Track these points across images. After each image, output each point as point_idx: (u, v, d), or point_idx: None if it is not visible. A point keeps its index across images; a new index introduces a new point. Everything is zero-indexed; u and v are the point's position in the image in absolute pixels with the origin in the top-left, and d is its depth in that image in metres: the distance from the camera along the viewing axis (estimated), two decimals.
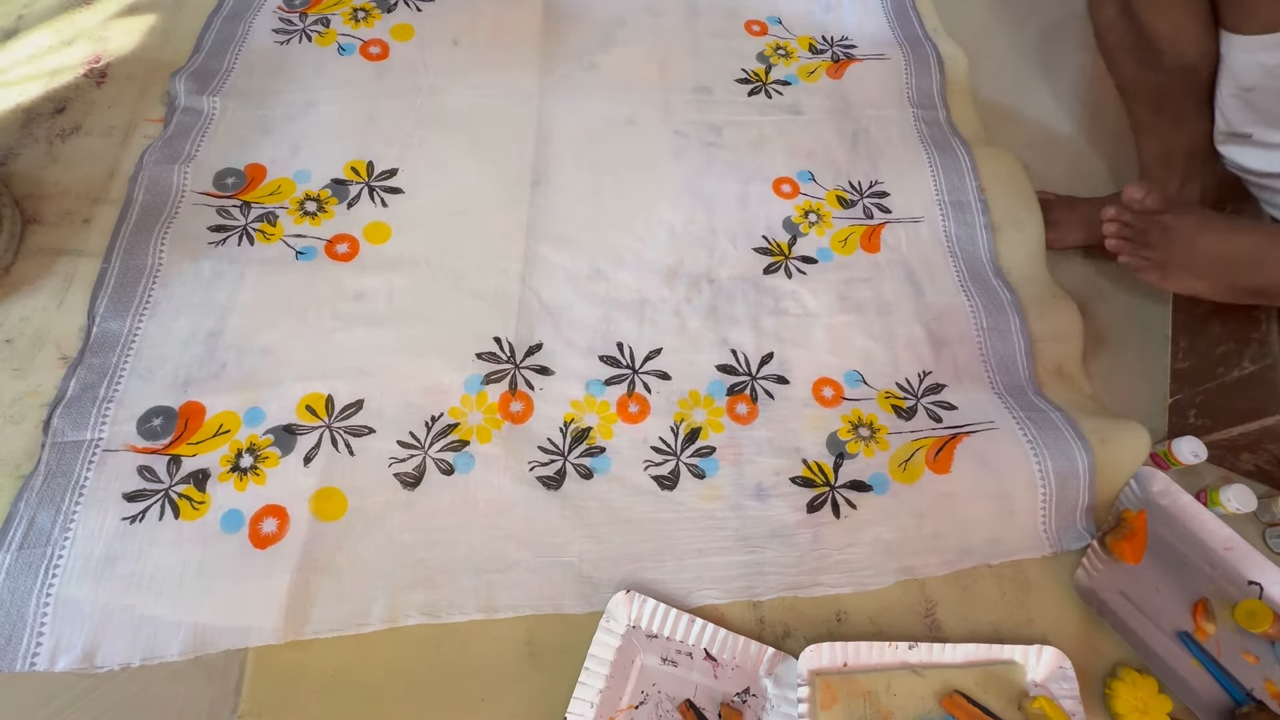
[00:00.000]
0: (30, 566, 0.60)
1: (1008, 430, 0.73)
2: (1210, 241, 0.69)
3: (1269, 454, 0.71)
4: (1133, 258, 0.73)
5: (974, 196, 0.91)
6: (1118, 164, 0.98)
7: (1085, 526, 0.70)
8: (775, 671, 0.62)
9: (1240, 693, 0.62)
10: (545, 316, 0.78)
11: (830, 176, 0.93)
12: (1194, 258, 0.70)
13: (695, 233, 0.86)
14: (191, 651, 0.59)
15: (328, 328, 0.75)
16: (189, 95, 0.89)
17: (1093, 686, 0.63)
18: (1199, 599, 0.66)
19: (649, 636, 0.62)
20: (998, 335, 0.81)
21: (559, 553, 0.66)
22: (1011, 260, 0.88)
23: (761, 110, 0.98)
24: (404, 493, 0.67)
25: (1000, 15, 1.14)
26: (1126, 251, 0.73)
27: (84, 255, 0.77)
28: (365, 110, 0.91)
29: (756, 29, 1.08)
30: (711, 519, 0.69)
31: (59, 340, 0.72)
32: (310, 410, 0.70)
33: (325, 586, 0.62)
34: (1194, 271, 0.70)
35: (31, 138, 0.85)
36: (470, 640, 0.62)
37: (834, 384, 0.77)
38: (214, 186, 0.83)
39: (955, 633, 0.66)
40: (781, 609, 0.66)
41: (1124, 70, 0.77)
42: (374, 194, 0.85)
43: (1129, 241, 0.73)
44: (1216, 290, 0.70)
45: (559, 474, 0.70)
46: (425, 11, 1.02)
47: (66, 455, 0.65)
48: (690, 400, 0.75)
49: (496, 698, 0.60)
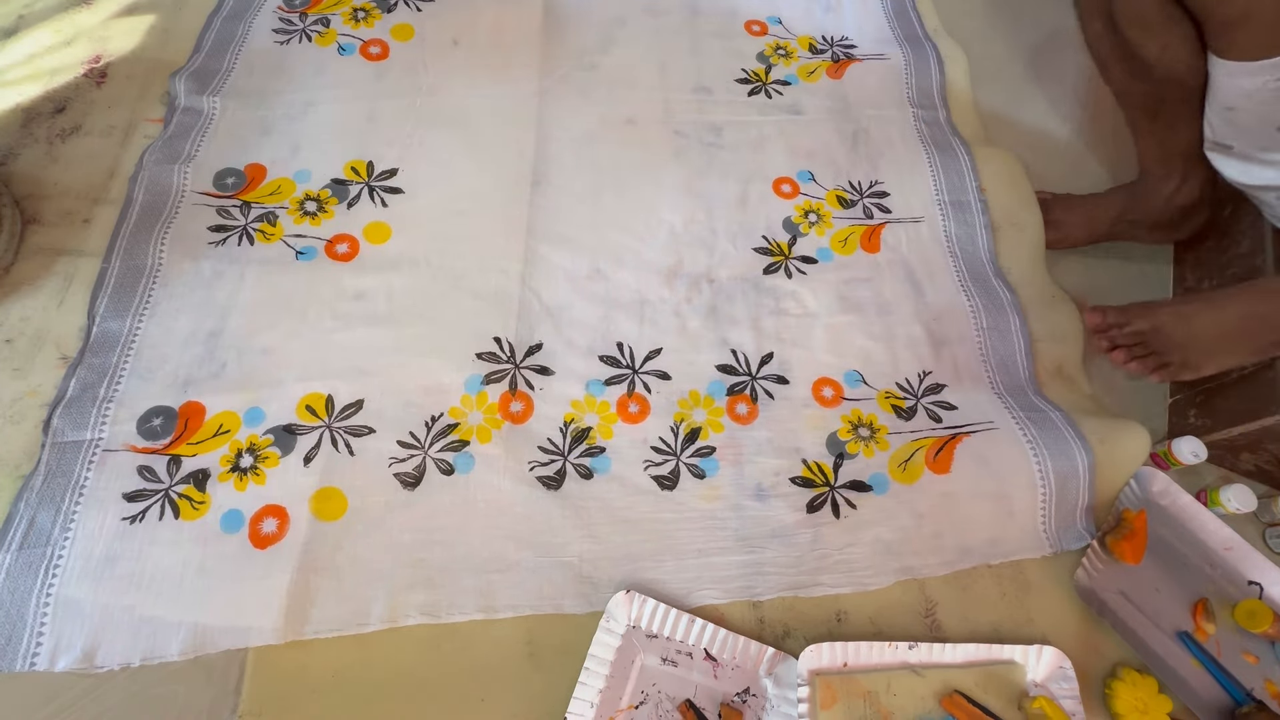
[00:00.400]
0: (30, 566, 0.60)
1: (1008, 430, 0.73)
2: (1204, 326, 0.72)
3: (1269, 454, 0.71)
4: (1155, 370, 0.75)
5: (974, 196, 0.91)
6: (1117, 165, 0.98)
7: (1085, 526, 0.70)
8: (775, 671, 0.62)
9: (1240, 693, 0.62)
10: (545, 316, 0.78)
11: (830, 176, 0.93)
12: (1203, 344, 0.72)
13: (695, 233, 0.86)
14: (191, 651, 0.59)
15: (328, 328, 0.75)
16: (189, 95, 0.89)
17: (1093, 686, 0.63)
18: (1199, 599, 0.66)
19: (649, 636, 0.62)
20: (997, 335, 0.81)
21: (559, 553, 0.66)
22: (1011, 260, 0.88)
23: (761, 110, 0.98)
24: (404, 493, 0.67)
25: (1000, 16, 1.14)
26: (1145, 368, 0.75)
27: (84, 255, 0.77)
28: (365, 110, 0.91)
29: (756, 29, 1.08)
30: (711, 519, 0.69)
31: (59, 340, 0.72)
32: (310, 410, 0.70)
33: (325, 586, 0.62)
34: (1213, 353, 0.72)
35: (31, 138, 0.85)
36: (470, 640, 0.62)
37: (834, 384, 0.77)
38: (214, 186, 0.83)
39: (955, 633, 0.66)
40: (781, 609, 0.66)
41: (1117, 79, 0.78)
42: (374, 194, 0.85)
43: (1138, 358, 0.75)
44: (1246, 356, 0.71)
45: (559, 474, 0.70)
46: (425, 11, 1.02)
47: (66, 455, 0.65)
48: (690, 400, 0.75)
49: (496, 698, 0.60)
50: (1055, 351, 0.82)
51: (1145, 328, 0.75)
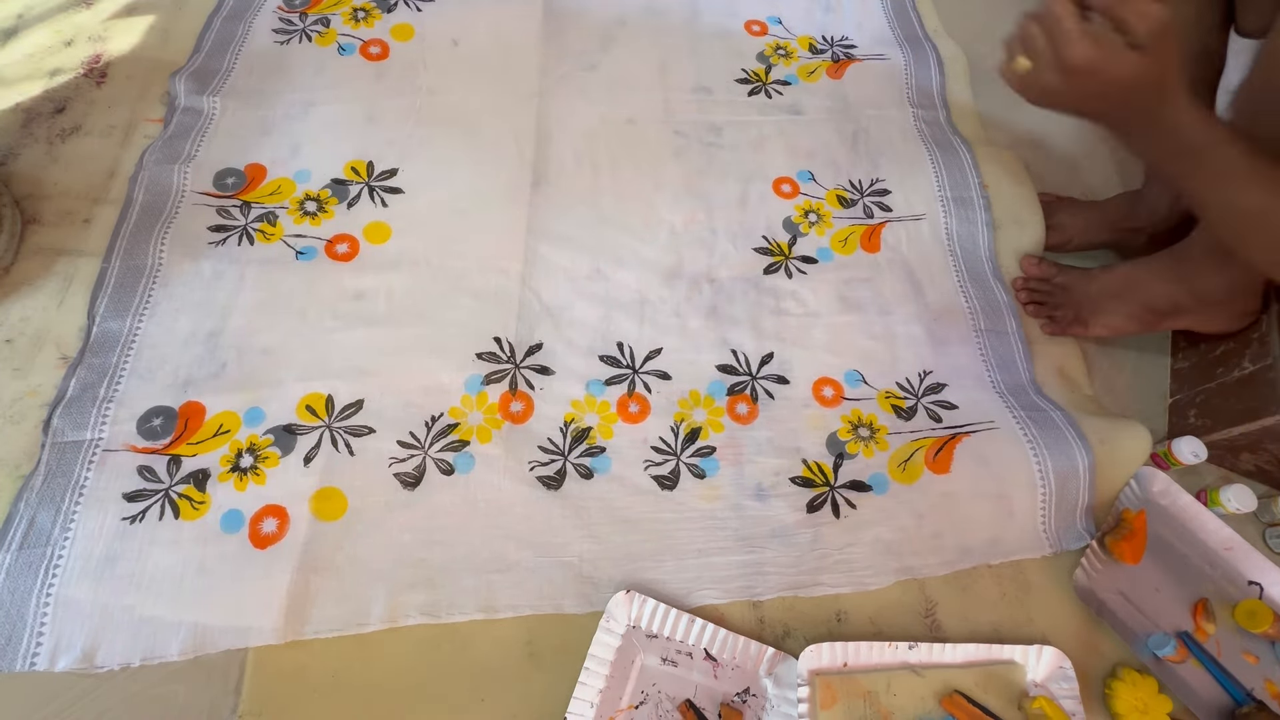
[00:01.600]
0: (30, 566, 0.60)
1: (1008, 430, 0.73)
2: (1100, 286, 0.80)
3: (1269, 454, 0.71)
4: (1047, 321, 0.83)
5: (976, 193, 0.91)
6: (1116, 170, 0.98)
7: (1085, 526, 0.70)
8: (775, 671, 0.62)
9: (1240, 693, 0.62)
10: (545, 316, 0.78)
11: (830, 176, 0.93)
12: (1092, 302, 0.80)
13: (695, 232, 0.86)
14: (191, 651, 0.59)
15: (328, 328, 0.75)
16: (189, 95, 0.89)
17: (1093, 686, 0.63)
18: (1199, 599, 0.66)
19: (649, 636, 0.62)
20: (997, 335, 0.81)
21: (559, 553, 0.66)
22: (1010, 259, 0.88)
23: (761, 110, 0.98)
24: (404, 493, 0.67)
25: (1000, 16, 1.14)
26: (1040, 315, 0.83)
27: (84, 255, 0.77)
28: (365, 110, 0.91)
29: (756, 29, 1.08)
30: (711, 519, 0.69)
31: (59, 340, 0.72)
32: (310, 410, 0.70)
33: (325, 586, 0.62)
34: (1098, 312, 0.79)
35: (31, 138, 0.85)
36: (470, 640, 0.62)
37: (834, 384, 0.77)
38: (214, 186, 0.83)
39: (955, 633, 0.66)
40: (781, 609, 0.66)
41: None
42: (374, 194, 0.85)
43: (1041, 305, 0.83)
44: (1133, 323, 0.78)
45: (559, 474, 0.70)
46: (425, 11, 1.02)
47: (66, 455, 0.65)
48: (690, 400, 0.75)
49: (496, 698, 0.60)
50: (1055, 351, 0.82)
51: (1060, 283, 0.83)
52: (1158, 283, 0.75)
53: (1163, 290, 0.75)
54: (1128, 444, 0.71)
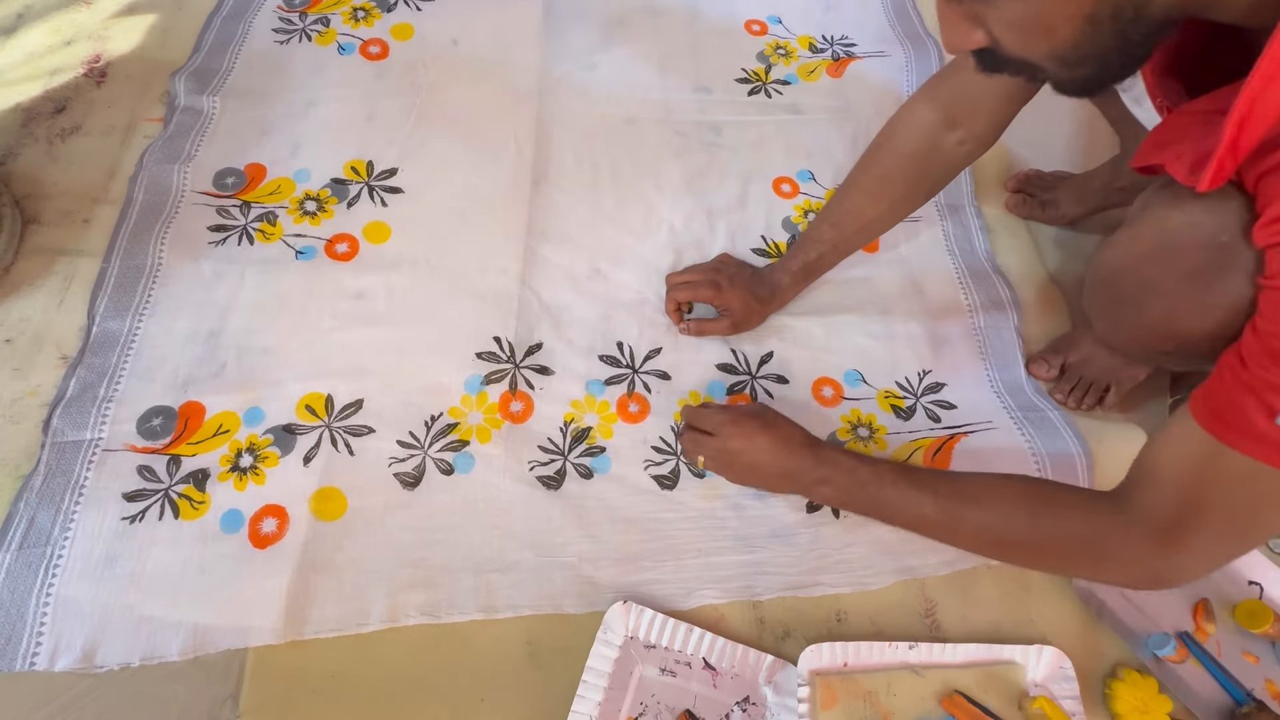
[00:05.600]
0: (30, 566, 0.60)
1: (1006, 430, 0.73)
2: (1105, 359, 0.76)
3: None
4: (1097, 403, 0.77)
5: (968, 201, 0.91)
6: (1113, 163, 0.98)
7: None
8: (775, 679, 0.61)
9: (1240, 693, 0.62)
10: (545, 316, 0.78)
11: (830, 176, 0.93)
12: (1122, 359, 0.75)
13: (695, 232, 0.86)
14: (191, 651, 0.59)
15: (327, 327, 0.75)
16: (189, 95, 0.89)
17: (1093, 686, 0.63)
18: (1199, 599, 0.66)
19: (647, 647, 0.62)
20: (996, 334, 0.81)
21: (559, 552, 0.66)
22: (1009, 259, 0.88)
23: (761, 110, 0.98)
24: (404, 493, 0.67)
25: None
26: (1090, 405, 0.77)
27: (84, 255, 0.77)
28: (365, 110, 0.91)
29: (756, 28, 1.08)
30: (711, 519, 0.69)
31: (59, 340, 0.72)
32: (310, 410, 0.70)
33: (325, 586, 0.62)
34: (1131, 362, 0.75)
35: (31, 138, 0.85)
36: (470, 640, 0.62)
37: (833, 383, 0.77)
38: (214, 186, 0.83)
39: (955, 633, 0.66)
40: (781, 609, 0.66)
41: None
42: (374, 194, 0.85)
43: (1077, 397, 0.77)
44: (1142, 365, 0.75)
45: (559, 474, 0.70)
46: (425, 11, 1.02)
47: (66, 455, 0.65)
48: (690, 400, 0.75)
49: (496, 698, 0.60)
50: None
51: (1074, 360, 0.77)
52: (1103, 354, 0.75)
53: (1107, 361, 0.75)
54: (1126, 444, 0.71)
